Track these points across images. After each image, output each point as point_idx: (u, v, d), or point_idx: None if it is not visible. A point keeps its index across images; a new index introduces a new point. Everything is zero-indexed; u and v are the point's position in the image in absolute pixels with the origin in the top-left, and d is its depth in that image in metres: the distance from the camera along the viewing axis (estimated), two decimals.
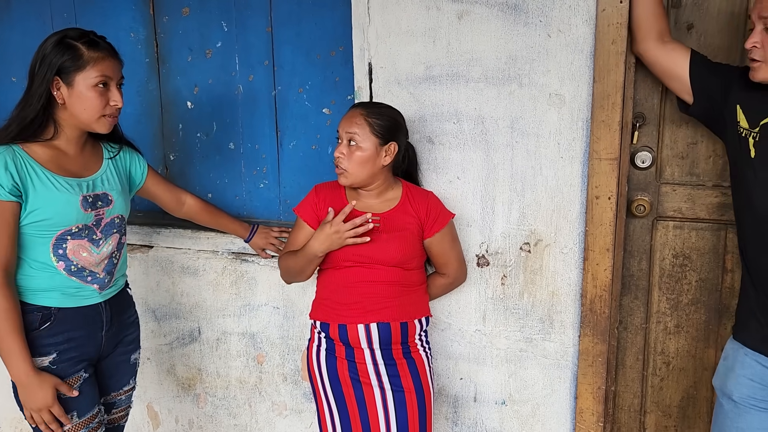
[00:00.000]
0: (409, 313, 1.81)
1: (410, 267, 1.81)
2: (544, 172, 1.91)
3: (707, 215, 1.91)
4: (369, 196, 1.82)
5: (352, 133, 1.74)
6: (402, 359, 1.81)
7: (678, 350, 2.02)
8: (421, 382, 1.82)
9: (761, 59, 1.49)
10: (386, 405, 1.79)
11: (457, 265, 1.91)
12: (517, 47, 1.86)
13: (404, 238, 1.79)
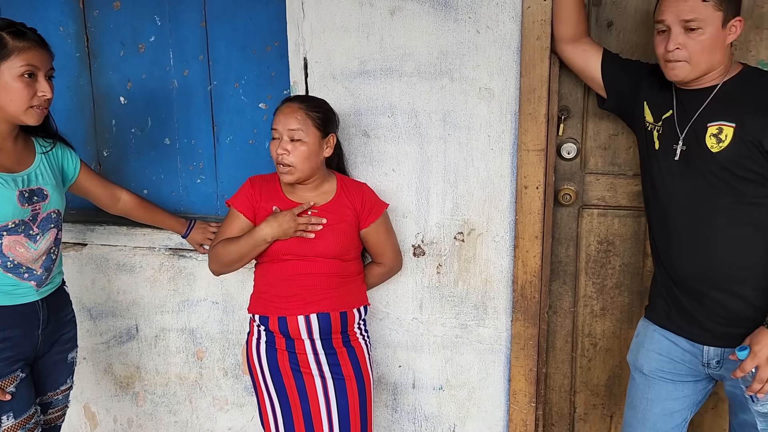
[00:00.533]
0: (348, 303, 1.85)
1: (348, 258, 1.85)
2: (475, 164, 1.98)
3: (628, 203, 2.02)
4: (306, 189, 1.84)
5: (295, 129, 1.76)
6: (342, 348, 1.85)
7: (604, 332, 2.13)
8: (361, 370, 1.86)
9: (684, 59, 1.58)
10: (327, 393, 1.82)
11: (392, 254, 1.96)
12: (448, 43, 1.92)
13: (342, 230, 1.82)
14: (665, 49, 1.58)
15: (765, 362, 1.50)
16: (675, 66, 1.59)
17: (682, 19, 1.54)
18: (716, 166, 1.59)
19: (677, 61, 1.58)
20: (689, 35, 1.55)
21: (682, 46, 1.56)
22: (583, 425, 2.21)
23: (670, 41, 1.57)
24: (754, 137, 1.54)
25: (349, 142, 2.03)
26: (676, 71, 1.60)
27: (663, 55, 1.60)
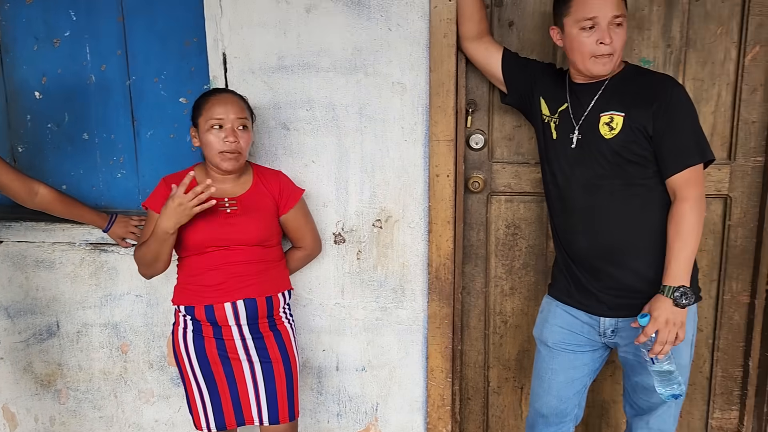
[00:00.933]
0: (273, 288, 1.92)
1: (270, 245, 1.92)
2: (391, 154, 2.09)
3: (532, 189, 2.19)
4: (227, 180, 1.90)
5: (243, 117, 1.85)
6: (269, 332, 1.91)
7: (513, 310, 2.29)
8: (287, 352, 1.93)
9: (611, 53, 1.71)
10: (255, 377, 1.89)
11: (312, 237, 2.05)
12: (362, 39, 2.02)
13: (263, 218, 1.89)
14: (596, 44, 1.69)
15: (663, 326, 1.67)
16: (604, 60, 1.71)
17: (613, 15, 1.68)
18: (609, 151, 1.76)
19: (607, 55, 1.71)
20: (616, 30, 1.69)
21: (612, 40, 1.69)
22: (496, 398, 2.37)
23: (605, 35, 1.68)
24: (641, 124, 1.72)
25: (269, 134, 2.10)
26: (606, 65, 1.72)
27: (591, 51, 1.70)
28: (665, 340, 1.68)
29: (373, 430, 2.28)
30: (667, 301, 1.68)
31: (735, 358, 2.20)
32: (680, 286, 1.68)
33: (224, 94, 1.86)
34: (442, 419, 2.23)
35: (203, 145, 1.85)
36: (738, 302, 2.16)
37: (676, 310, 1.68)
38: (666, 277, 1.70)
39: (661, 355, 1.70)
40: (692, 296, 1.68)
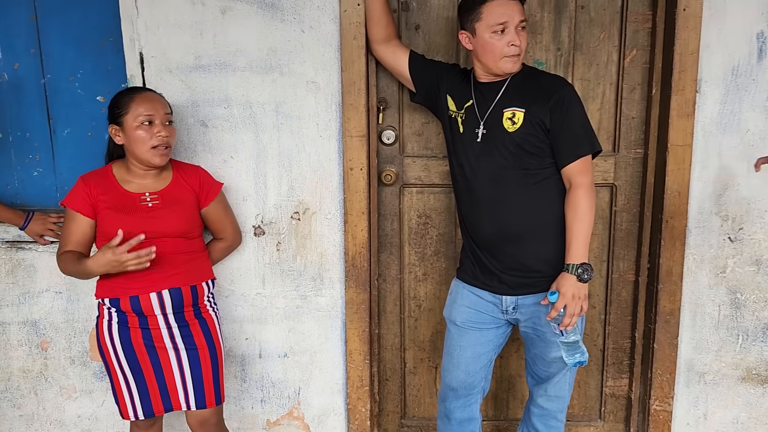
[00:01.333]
0: (197, 277, 1.99)
1: (192, 236, 1.99)
2: (307, 150, 2.20)
3: (441, 181, 2.35)
4: (148, 176, 1.95)
5: (170, 113, 1.93)
6: (194, 320, 1.98)
7: (426, 294, 2.45)
8: (212, 339, 2.01)
9: (519, 53, 1.89)
10: (181, 364, 1.96)
11: (232, 229, 2.14)
12: (276, 41, 2.12)
13: (184, 211, 1.96)
14: (507, 45, 1.86)
15: (571, 300, 1.86)
16: (514, 60, 1.89)
17: (520, 20, 1.87)
18: (512, 144, 1.93)
19: (516, 55, 1.89)
20: (522, 34, 1.88)
21: (520, 42, 1.87)
22: (413, 378, 2.52)
23: (514, 38, 1.86)
24: (539, 119, 1.90)
25: (188, 131, 2.17)
26: (516, 63, 1.90)
27: (503, 51, 1.87)
28: (573, 313, 1.87)
29: (295, 413, 2.39)
30: (571, 277, 1.87)
31: (623, 331, 2.43)
32: (582, 263, 1.87)
33: (147, 92, 1.92)
34: (362, 399, 2.36)
35: (132, 141, 1.88)
36: (625, 280, 2.40)
37: (580, 285, 1.87)
38: (569, 256, 1.88)
39: (570, 327, 1.89)
40: (592, 271, 1.88)
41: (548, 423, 2.13)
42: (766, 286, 2.26)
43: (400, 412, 2.54)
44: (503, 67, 1.90)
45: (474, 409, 2.14)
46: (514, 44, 1.87)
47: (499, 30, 1.86)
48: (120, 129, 1.90)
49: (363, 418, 2.38)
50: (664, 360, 2.31)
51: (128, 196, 1.90)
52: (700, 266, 2.26)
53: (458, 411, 2.12)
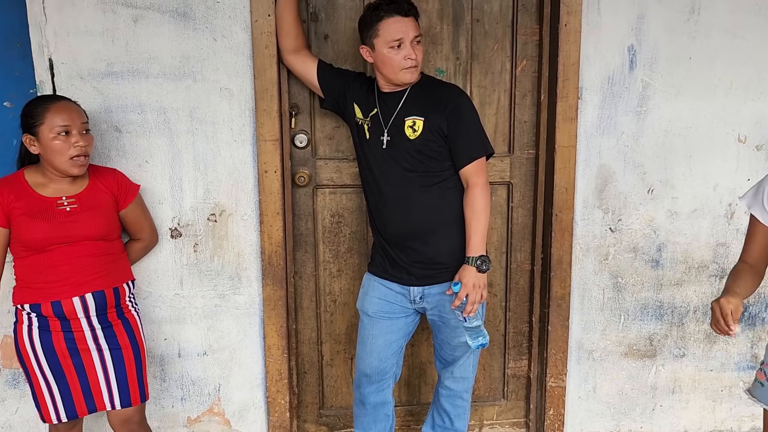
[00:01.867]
0: (118, 279, 2.03)
1: (112, 238, 2.03)
2: (222, 154, 2.28)
3: (351, 182, 2.48)
4: (64, 181, 1.97)
5: (86, 122, 1.95)
6: (117, 320, 2.02)
7: (341, 289, 2.58)
8: (135, 338, 2.05)
9: (416, 65, 2.05)
10: (105, 364, 1.99)
11: (150, 229, 2.19)
12: (189, 48, 2.19)
13: (103, 213, 2.00)
14: (404, 59, 2.01)
15: (472, 289, 2.04)
16: (412, 71, 2.05)
17: (415, 35, 2.02)
18: (413, 149, 2.09)
19: (413, 67, 2.04)
20: (417, 47, 2.03)
21: (414, 56, 2.03)
22: (330, 369, 2.64)
23: (410, 51, 2.01)
24: (437, 126, 2.07)
25: (102, 137, 2.20)
26: (413, 74, 2.06)
27: (401, 64, 2.02)
28: (474, 301, 2.05)
29: (216, 409, 2.46)
30: (471, 269, 2.05)
31: (522, 316, 2.66)
32: (480, 256, 2.06)
33: (63, 102, 1.93)
34: (281, 392, 2.46)
35: (48, 151, 1.89)
36: (522, 270, 2.62)
37: (479, 275, 2.05)
38: (468, 249, 2.07)
39: (472, 314, 2.06)
40: (490, 263, 2.07)
41: (455, 403, 2.32)
42: (643, 270, 2.55)
43: (319, 403, 2.66)
44: (402, 78, 2.07)
45: (387, 393, 2.29)
46: (410, 58, 2.03)
47: (396, 45, 2.02)
48: (35, 139, 1.90)
49: (282, 410, 2.48)
50: (558, 340, 2.55)
51: (44, 201, 1.91)
52: (586, 254, 2.51)
53: (372, 396, 2.26)
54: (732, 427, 2.72)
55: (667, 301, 2.58)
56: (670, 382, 2.66)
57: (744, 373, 2.67)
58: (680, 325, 2.61)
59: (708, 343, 2.63)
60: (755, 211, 1.72)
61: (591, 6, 2.32)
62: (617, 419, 2.67)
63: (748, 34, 2.39)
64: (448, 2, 2.39)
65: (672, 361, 2.64)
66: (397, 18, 2.00)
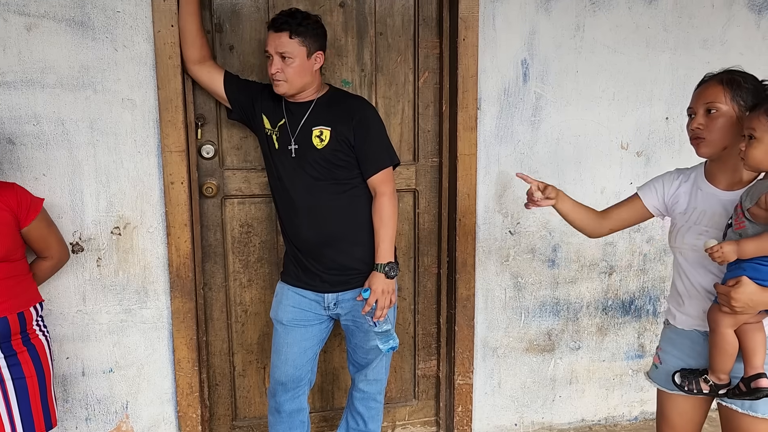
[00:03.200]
0: (24, 303, 1.93)
1: (15, 258, 1.93)
2: (125, 165, 2.23)
3: (261, 191, 2.49)
4: None
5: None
6: (22, 348, 1.91)
7: (252, 299, 2.59)
8: (42, 366, 1.95)
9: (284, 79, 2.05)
10: (7, 396, 1.88)
11: (58, 245, 2.09)
12: (88, 58, 2.14)
13: (3, 233, 1.88)
14: (269, 71, 2.08)
15: (381, 295, 2.10)
16: (278, 84, 2.09)
17: (278, 51, 2.06)
18: (321, 158, 2.14)
19: (279, 80, 2.08)
20: (285, 62, 2.07)
21: (281, 69, 2.07)
22: (242, 380, 2.64)
23: (272, 66, 2.07)
24: (344, 136, 2.13)
25: None
26: (279, 87, 2.10)
27: (270, 76, 2.09)
28: (383, 306, 2.12)
29: (124, 427, 2.40)
30: (380, 275, 2.12)
31: (430, 318, 2.76)
32: (388, 262, 2.13)
33: None
34: (192, 406, 2.43)
35: None
36: (429, 273, 2.72)
37: (388, 281, 2.12)
38: (377, 256, 2.14)
39: (382, 318, 2.13)
40: (397, 268, 2.15)
41: (369, 405, 2.38)
42: (540, 269, 2.71)
43: (231, 415, 2.64)
44: (275, 89, 2.12)
45: (302, 400, 2.32)
46: (271, 72, 2.08)
47: (267, 56, 2.10)
48: None
49: (194, 424, 2.45)
50: (464, 340, 2.67)
51: None
52: (488, 257, 2.65)
53: (288, 403, 2.28)
54: (623, 413, 2.94)
55: (563, 298, 2.76)
56: (567, 374, 2.84)
57: (632, 362, 2.90)
58: (575, 320, 2.80)
59: (600, 336, 2.84)
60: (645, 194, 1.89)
61: (487, 21, 2.46)
62: (521, 412, 2.82)
63: (626, 49, 2.62)
64: (352, 15, 2.46)
65: (569, 354, 2.82)
66: (270, 33, 2.08)
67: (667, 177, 1.90)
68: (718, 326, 1.65)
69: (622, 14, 2.59)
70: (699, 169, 1.84)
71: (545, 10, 2.51)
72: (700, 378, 1.72)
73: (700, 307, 1.77)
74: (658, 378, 1.91)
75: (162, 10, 2.15)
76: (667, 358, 1.88)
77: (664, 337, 1.92)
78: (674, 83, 2.68)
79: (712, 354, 1.69)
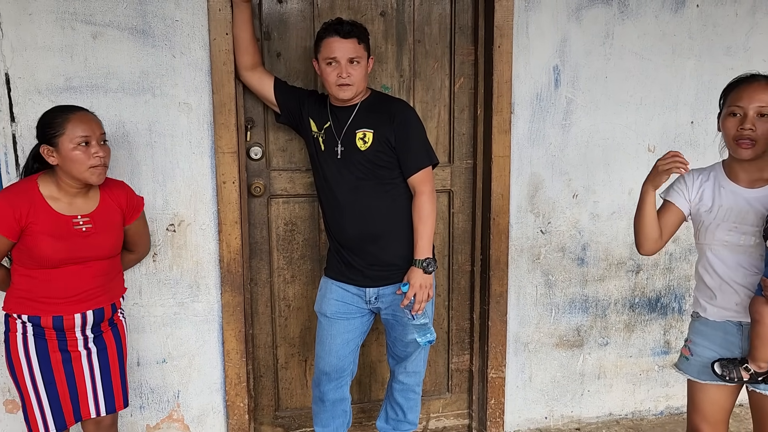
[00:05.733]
0: (116, 294, 2.08)
1: (116, 254, 2.07)
2: (180, 165, 2.36)
3: (305, 191, 2.61)
4: (79, 194, 1.97)
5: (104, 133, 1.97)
6: (107, 327, 2.07)
7: (295, 295, 2.70)
8: (121, 342, 2.09)
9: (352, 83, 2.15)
10: (92, 368, 2.02)
11: (147, 243, 2.24)
12: (148, 64, 2.27)
13: (114, 233, 2.01)
14: (338, 77, 2.15)
15: (419, 289, 2.20)
16: (345, 89, 2.18)
17: (348, 57, 2.16)
18: (364, 159, 2.25)
19: (348, 85, 2.18)
20: (353, 67, 2.17)
21: (350, 74, 2.17)
22: (285, 372, 2.75)
23: (342, 71, 2.15)
24: (386, 138, 2.24)
25: None
26: (346, 92, 2.19)
27: (335, 82, 2.17)
28: (421, 300, 2.22)
29: (175, 415, 2.51)
30: (418, 270, 2.22)
31: (464, 314, 2.87)
32: (426, 258, 2.23)
33: (82, 112, 1.92)
34: (240, 395, 2.55)
35: (68, 162, 1.87)
36: (463, 270, 2.83)
37: (426, 276, 2.22)
38: (416, 252, 2.24)
39: (419, 312, 2.23)
40: (435, 264, 2.25)
41: (408, 396, 2.48)
42: (570, 267, 2.82)
43: (274, 405, 2.75)
44: (336, 94, 2.20)
45: (345, 390, 2.43)
46: (341, 76, 2.17)
47: (331, 63, 2.17)
48: (54, 150, 1.88)
49: (241, 413, 2.56)
50: (497, 335, 2.77)
51: (62, 220, 1.90)
52: (520, 255, 2.75)
53: (331, 392, 2.39)
54: (650, 407, 3.03)
55: (592, 295, 2.86)
56: (596, 369, 2.93)
57: (658, 357, 2.99)
58: (603, 317, 2.90)
59: (627, 332, 2.94)
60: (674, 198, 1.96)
61: (520, 30, 2.58)
62: (551, 405, 2.91)
63: (653, 56, 2.73)
64: (392, 24, 2.58)
65: (597, 349, 2.92)
66: (334, 38, 2.16)
67: (688, 177, 1.95)
68: (764, 317, 1.72)
69: (649, 22, 2.70)
70: (717, 167, 1.90)
71: (576, 19, 2.62)
72: (741, 367, 1.80)
73: (733, 300, 1.85)
74: (690, 369, 1.97)
75: (218, 19, 2.28)
76: (699, 350, 1.95)
77: (693, 329, 1.99)
78: (699, 89, 2.79)
79: (755, 344, 1.76)
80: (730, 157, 1.86)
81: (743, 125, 1.75)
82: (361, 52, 2.19)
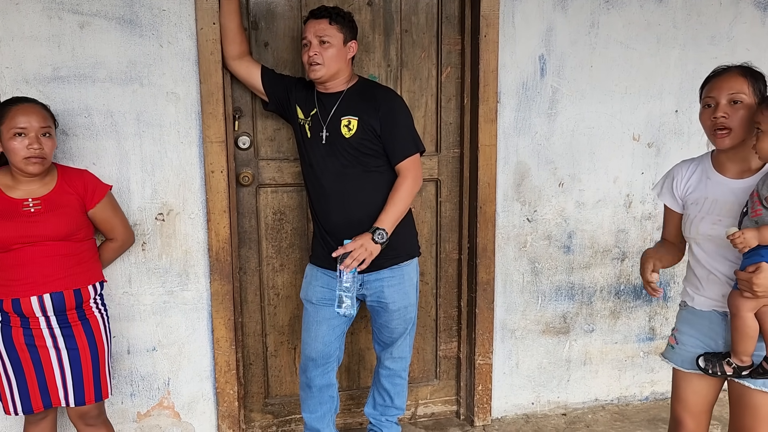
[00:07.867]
0: (82, 281, 2.07)
1: (78, 239, 2.07)
2: (169, 155, 2.38)
3: (293, 181, 2.63)
4: (33, 182, 2.02)
5: (46, 126, 1.99)
6: (77, 322, 2.07)
7: (284, 283, 2.73)
8: (95, 340, 2.10)
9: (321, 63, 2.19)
10: (62, 363, 2.04)
11: (122, 228, 2.25)
12: (135, 54, 2.28)
13: (67, 214, 2.04)
14: (308, 56, 2.21)
15: (358, 246, 2.17)
16: (315, 68, 2.22)
17: (317, 35, 2.20)
18: (349, 147, 2.27)
19: (318, 64, 2.21)
20: (323, 47, 2.20)
21: (319, 53, 2.20)
22: (274, 360, 2.78)
23: (310, 50, 2.20)
24: (371, 126, 2.26)
25: None
26: (316, 71, 2.23)
27: (307, 61, 2.23)
28: (355, 257, 2.18)
29: (165, 402, 2.54)
30: (368, 234, 2.20)
31: (451, 302, 2.90)
32: (381, 228, 2.20)
33: (25, 104, 1.97)
34: (229, 383, 2.58)
35: (7, 151, 1.95)
36: (450, 259, 2.86)
37: (372, 243, 2.20)
38: (377, 220, 2.23)
39: (348, 269, 2.18)
40: (386, 239, 2.21)
41: (394, 381, 2.52)
42: (556, 255, 2.85)
43: (264, 392, 2.78)
44: (310, 75, 2.25)
45: (331, 376, 2.46)
46: (309, 54, 2.22)
47: (304, 44, 2.24)
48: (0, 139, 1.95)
49: (231, 400, 2.59)
50: (484, 322, 2.81)
51: (11, 202, 1.97)
52: (507, 243, 2.79)
53: (318, 378, 2.42)
54: (635, 393, 3.08)
55: (578, 283, 2.90)
56: (581, 355, 2.98)
57: (643, 344, 3.04)
58: (589, 304, 2.94)
59: (612, 319, 2.98)
60: (665, 199, 1.99)
61: (506, 19, 2.60)
62: (537, 391, 2.96)
63: (638, 45, 2.75)
64: (380, 14, 2.60)
65: (583, 336, 2.96)
66: (309, 21, 2.23)
67: (676, 171, 1.97)
68: (740, 311, 1.72)
69: (634, 12, 2.72)
70: (705, 158, 1.91)
71: (562, 8, 2.65)
72: (723, 361, 1.81)
73: (719, 290, 1.85)
74: (675, 358, 1.98)
75: (204, 8, 2.29)
76: (685, 339, 1.95)
77: (680, 318, 2.00)
78: (683, 77, 2.82)
79: (734, 338, 1.76)
80: (717, 149, 1.87)
81: (716, 114, 1.77)
82: (332, 33, 2.21)
